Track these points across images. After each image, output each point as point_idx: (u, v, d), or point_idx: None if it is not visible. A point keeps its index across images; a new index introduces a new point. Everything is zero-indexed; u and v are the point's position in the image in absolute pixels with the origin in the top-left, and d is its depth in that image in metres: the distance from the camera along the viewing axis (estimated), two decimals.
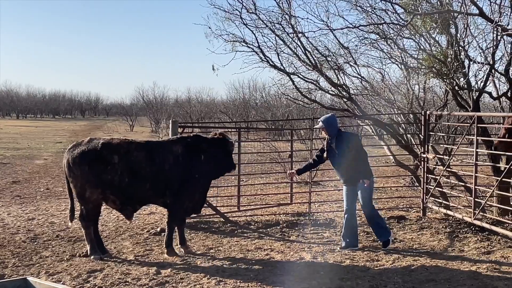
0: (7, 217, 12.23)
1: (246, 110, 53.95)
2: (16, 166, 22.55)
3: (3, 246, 9.64)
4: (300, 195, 14.53)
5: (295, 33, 12.58)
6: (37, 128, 61.87)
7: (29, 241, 10.10)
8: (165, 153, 9.13)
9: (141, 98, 68.15)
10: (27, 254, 9.15)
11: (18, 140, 38.33)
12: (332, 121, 9.45)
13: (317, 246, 9.69)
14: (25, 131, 53.27)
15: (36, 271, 8.17)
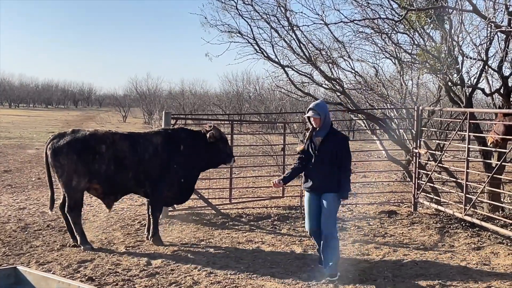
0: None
1: (239, 102, 53.90)
2: (7, 155, 22.46)
3: None
4: (291, 189, 14.52)
5: (290, 26, 12.57)
6: (30, 117, 61.65)
7: (20, 230, 10.08)
8: (146, 144, 9.32)
9: (135, 89, 68.01)
10: (17, 244, 9.13)
11: (10, 129, 38.18)
12: (326, 109, 7.61)
13: (308, 240, 9.68)
14: (17, 120, 53.06)
15: (26, 260, 8.16)
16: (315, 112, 7.52)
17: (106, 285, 7.13)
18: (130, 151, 9.17)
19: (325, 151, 7.51)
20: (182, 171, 9.40)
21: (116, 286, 7.12)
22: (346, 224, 10.96)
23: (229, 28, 12.88)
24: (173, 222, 11.00)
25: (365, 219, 11.50)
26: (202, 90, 66.24)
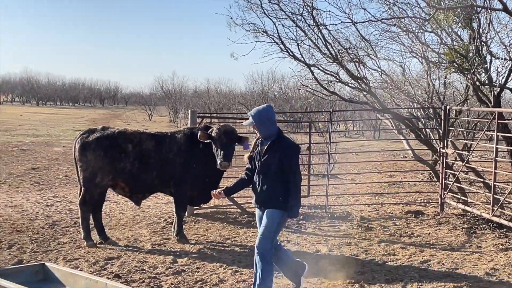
0: (26, 203, 12.33)
1: (264, 101, 53.88)
2: (35, 152, 22.70)
3: (21, 232, 9.73)
4: (317, 188, 14.50)
5: (316, 25, 12.52)
6: (57, 115, 62.23)
7: (48, 227, 10.19)
8: (171, 143, 9.36)
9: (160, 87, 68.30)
10: (45, 240, 9.23)
11: (38, 127, 38.59)
12: (266, 116, 6.51)
13: (334, 239, 9.68)
14: (45, 118, 53.59)
15: (54, 257, 8.24)
16: (252, 119, 6.53)
17: (132, 282, 7.18)
18: (155, 150, 9.24)
19: (267, 162, 6.46)
20: (205, 170, 9.34)
21: (142, 284, 7.16)
22: (372, 224, 10.90)
23: (255, 27, 12.86)
24: (199, 220, 11.04)
25: (391, 219, 11.44)
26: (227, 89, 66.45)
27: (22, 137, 29.35)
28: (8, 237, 9.32)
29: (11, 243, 8.90)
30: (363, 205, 12.87)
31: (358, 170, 19.27)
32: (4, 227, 9.98)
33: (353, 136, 40.26)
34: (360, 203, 13.23)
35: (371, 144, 31.34)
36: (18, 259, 8.07)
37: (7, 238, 9.20)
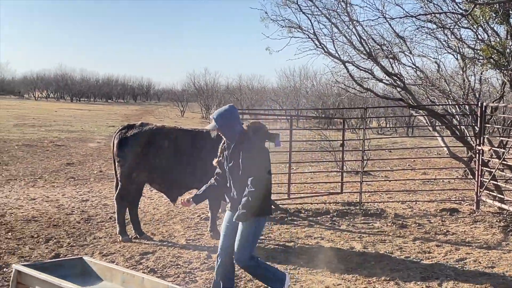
0: (62, 198, 12.49)
1: (296, 98, 53.87)
2: (70, 148, 22.99)
3: (58, 226, 9.85)
4: (350, 185, 14.46)
5: (351, 21, 12.47)
6: (90, 111, 62.92)
7: (83, 222, 10.31)
8: (204, 140, 9.33)
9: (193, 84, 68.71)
10: (81, 235, 9.34)
11: (72, 123, 39.06)
12: (227, 117, 6.14)
13: (368, 236, 9.63)
14: (79, 114, 54.23)
15: (90, 251, 8.34)
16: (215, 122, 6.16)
17: (167, 277, 7.23)
18: (189, 147, 9.28)
19: (232, 166, 6.13)
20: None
21: (177, 278, 7.21)
22: (406, 221, 10.83)
23: (290, 23, 12.86)
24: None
25: (426, 217, 11.35)
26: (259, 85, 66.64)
27: (57, 133, 29.75)
28: (45, 231, 9.46)
29: (48, 237, 9.03)
30: (397, 202, 12.78)
31: (391, 167, 19.16)
32: (41, 222, 10.12)
33: (386, 133, 40.03)
34: (394, 200, 13.14)
35: (404, 141, 31.09)
36: (55, 253, 8.18)
37: (44, 232, 9.33)
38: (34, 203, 11.75)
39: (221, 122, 6.08)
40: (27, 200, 12.02)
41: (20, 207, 11.34)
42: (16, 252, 8.12)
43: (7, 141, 24.32)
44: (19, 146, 22.51)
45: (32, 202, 11.84)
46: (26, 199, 12.18)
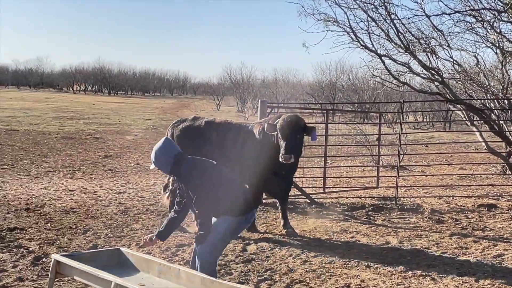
0: (100, 189, 12.65)
1: (332, 92, 53.64)
2: (107, 141, 23.26)
3: (96, 218, 9.99)
4: (386, 179, 14.38)
5: (388, 14, 12.37)
6: (128, 104, 63.54)
7: (120, 213, 10.42)
8: (247, 135, 9.29)
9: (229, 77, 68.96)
10: (118, 226, 9.45)
11: (110, 116, 39.50)
12: (159, 155, 5.98)
13: (404, 231, 9.57)
14: (116, 107, 54.79)
15: (127, 242, 8.43)
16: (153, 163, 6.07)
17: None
18: (233, 141, 9.28)
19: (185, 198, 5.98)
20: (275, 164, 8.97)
21: None
22: (443, 217, 10.73)
23: (326, 17, 12.82)
24: (268, 210, 11.08)
25: (463, 212, 11.23)
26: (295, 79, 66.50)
27: (95, 126, 30.13)
28: (83, 222, 9.59)
29: (86, 229, 9.16)
30: (433, 198, 12.67)
31: (428, 162, 19.00)
32: (79, 213, 10.27)
33: (423, 128, 39.64)
34: (430, 195, 13.03)
35: (441, 135, 30.76)
36: (93, 244, 8.30)
37: (82, 224, 9.47)
38: (73, 195, 11.92)
39: (155, 161, 6.00)
40: (65, 192, 12.21)
41: (59, 198, 11.52)
42: (54, 243, 8.25)
43: (46, 133, 24.71)
44: (58, 139, 22.85)
45: (71, 194, 12.02)
46: (65, 190, 12.36)
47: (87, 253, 6.45)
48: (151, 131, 29.50)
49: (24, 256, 7.56)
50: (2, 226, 8.96)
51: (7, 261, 7.33)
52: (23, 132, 24.76)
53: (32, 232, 8.79)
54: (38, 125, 29.00)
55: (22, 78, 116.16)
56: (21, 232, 8.72)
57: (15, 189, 12.22)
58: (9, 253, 7.63)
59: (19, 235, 8.55)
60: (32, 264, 7.23)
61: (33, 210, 10.27)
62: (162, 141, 6.09)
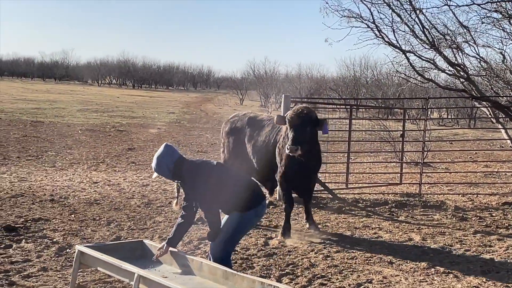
0: (123, 182, 12.73)
1: (356, 87, 53.43)
2: (131, 133, 23.40)
3: (119, 210, 10.06)
4: (409, 176, 14.30)
5: (413, 10, 12.28)
6: (151, 98, 63.83)
7: (144, 206, 10.48)
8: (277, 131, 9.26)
9: (252, 72, 68.92)
10: (141, 219, 9.51)
11: (134, 109, 39.72)
12: (160, 161, 6.07)
13: (427, 228, 9.52)
14: (140, 100, 55.07)
15: (150, 235, 8.48)
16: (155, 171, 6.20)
17: None
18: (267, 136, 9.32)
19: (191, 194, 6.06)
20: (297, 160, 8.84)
21: (234, 264, 7.25)
22: (467, 214, 10.65)
23: (350, 13, 12.76)
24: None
25: (487, 210, 11.14)
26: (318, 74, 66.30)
27: (119, 118, 30.33)
28: (107, 214, 9.67)
29: (110, 220, 9.23)
30: (457, 195, 12.58)
31: (452, 159, 18.84)
32: (103, 205, 10.35)
33: (447, 124, 39.36)
34: (454, 192, 12.93)
35: (466, 133, 30.52)
36: (116, 235, 8.36)
37: (106, 215, 9.54)
38: (97, 187, 12.02)
39: (157, 168, 6.07)
40: (89, 184, 12.31)
41: (83, 190, 11.62)
42: (78, 234, 8.33)
43: (71, 126, 24.94)
44: (82, 131, 23.04)
45: (95, 186, 12.12)
46: (89, 182, 12.47)
47: (110, 245, 6.51)
48: (174, 124, 29.61)
49: (48, 246, 7.64)
50: (27, 217, 9.06)
51: (32, 251, 7.41)
52: (48, 124, 25.01)
53: (56, 223, 8.88)
54: (63, 117, 29.28)
55: (48, 71, 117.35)
56: (46, 223, 8.82)
57: (40, 180, 12.35)
58: (34, 244, 7.72)
59: (44, 226, 8.64)
60: (56, 255, 7.31)
61: (58, 201, 10.37)
62: (162, 148, 6.15)
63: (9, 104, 36.27)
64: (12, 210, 9.49)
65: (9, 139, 19.05)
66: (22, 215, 9.16)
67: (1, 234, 8.02)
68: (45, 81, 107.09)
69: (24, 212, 9.39)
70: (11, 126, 23.16)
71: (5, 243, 7.64)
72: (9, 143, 17.94)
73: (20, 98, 43.35)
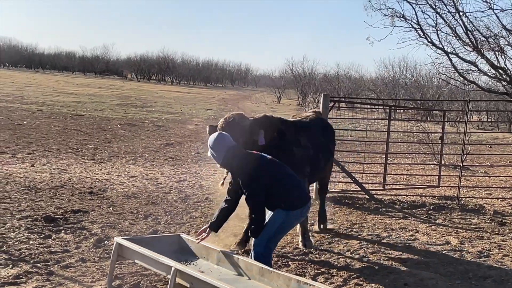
0: (161, 176, 12.84)
1: (395, 88, 53.03)
2: (169, 129, 23.59)
3: (156, 204, 10.14)
4: (447, 179, 14.15)
5: (457, 12, 12.16)
6: (189, 94, 64.21)
7: (180, 201, 10.56)
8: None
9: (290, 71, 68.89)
10: (178, 213, 9.57)
11: (172, 105, 40.02)
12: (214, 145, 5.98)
13: (465, 232, 9.41)
14: (179, 96, 55.47)
15: (186, 230, 8.53)
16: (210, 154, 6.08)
17: None
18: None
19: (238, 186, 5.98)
20: None
21: None
22: (506, 219, 10.49)
23: (393, 12, 12.69)
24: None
25: None
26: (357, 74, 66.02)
27: (157, 114, 30.60)
28: (144, 208, 9.76)
29: (147, 214, 9.31)
30: (496, 199, 12.41)
31: (491, 163, 18.60)
32: (141, 199, 10.45)
33: (487, 128, 38.80)
34: (493, 196, 12.75)
35: (506, 136, 30.04)
36: (153, 229, 8.44)
37: (144, 209, 9.63)
38: (134, 180, 12.14)
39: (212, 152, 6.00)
40: (127, 177, 12.44)
41: (121, 183, 11.75)
42: (116, 226, 8.43)
43: (110, 120, 25.23)
44: (121, 125, 23.31)
45: (133, 179, 12.24)
46: (127, 176, 12.60)
47: (148, 238, 6.58)
48: (212, 121, 29.71)
49: (86, 238, 7.75)
50: (66, 208, 9.20)
51: (71, 242, 7.52)
52: (88, 118, 25.35)
53: (94, 215, 8.99)
54: (102, 111, 29.65)
55: (89, 65, 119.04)
56: (84, 215, 8.94)
57: (79, 172, 12.53)
58: (73, 235, 7.83)
59: (82, 218, 8.76)
60: (94, 246, 7.41)
61: (96, 194, 10.50)
62: (217, 133, 6.14)
63: (50, 97, 36.87)
64: (52, 201, 9.64)
65: (50, 131, 19.37)
66: (61, 206, 9.30)
67: (41, 224, 8.16)
68: (86, 75, 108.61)
69: (64, 204, 9.54)
70: (52, 119, 23.54)
71: (45, 233, 7.77)
72: (50, 135, 18.23)
73: (61, 92, 44.04)
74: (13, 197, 9.68)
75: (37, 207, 9.15)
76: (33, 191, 10.26)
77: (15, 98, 32.96)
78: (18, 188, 10.42)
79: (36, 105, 29.36)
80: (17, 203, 9.31)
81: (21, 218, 8.39)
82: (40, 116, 24.17)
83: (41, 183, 11.03)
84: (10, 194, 9.87)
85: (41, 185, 10.81)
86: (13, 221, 8.22)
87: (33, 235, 7.66)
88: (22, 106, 28.08)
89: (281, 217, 5.85)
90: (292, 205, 5.86)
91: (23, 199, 9.59)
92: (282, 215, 5.84)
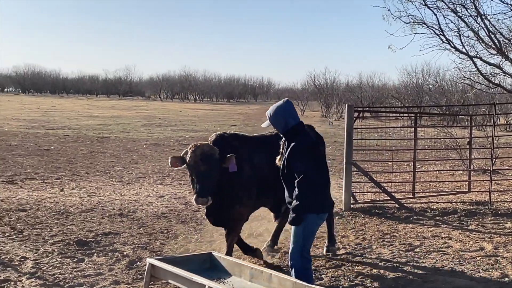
0: (189, 195, 12.83)
1: (419, 95, 52.75)
2: None
3: (186, 223, 10.16)
4: (477, 184, 13.99)
5: (479, 15, 12.08)
6: (213, 111, 64.41)
7: None
8: None
9: (312, 82, 68.83)
10: (208, 231, 9.56)
11: (196, 123, 40.15)
12: (278, 112, 5.90)
13: (499, 237, 9.28)
14: (202, 114, 55.65)
15: (217, 247, 8.50)
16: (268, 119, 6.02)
17: None
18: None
19: (284, 162, 5.89)
20: None
21: None
22: None
23: (414, 19, 12.65)
24: (356, 215, 10.99)
25: None
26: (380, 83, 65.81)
27: (182, 132, 30.72)
28: (174, 227, 9.78)
29: (177, 233, 9.34)
30: None
31: None
32: (170, 218, 10.48)
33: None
34: None
35: None
36: (184, 248, 8.45)
37: (174, 228, 9.66)
38: (163, 200, 12.18)
39: (274, 118, 5.92)
40: (156, 197, 12.49)
41: (150, 203, 11.79)
42: (147, 247, 8.46)
43: (136, 141, 25.40)
44: (147, 145, 23.44)
45: (161, 199, 12.28)
46: (156, 196, 12.65)
47: (180, 257, 6.59)
48: None
49: (119, 260, 7.78)
50: (97, 231, 9.25)
51: (103, 264, 7.56)
52: (114, 140, 25.54)
53: (125, 236, 9.04)
54: (128, 132, 29.86)
55: (112, 87, 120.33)
56: (116, 237, 8.98)
57: (108, 194, 12.60)
58: (105, 257, 7.87)
59: (114, 240, 8.80)
60: (127, 268, 7.43)
61: (126, 215, 10.56)
62: (283, 101, 6.03)
63: (75, 121, 37.26)
64: (83, 225, 9.71)
65: (77, 155, 19.54)
66: (92, 229, 9.36)
67: (74, 248, 8.22)
68: (110, 97, 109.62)
69: (95, 227, 9.60)
70: (78, 143, 23.76)
71: (78, 257, 7.82)
72: (77, 159, 18.39)
73: (86, 115, 44.47)
74: (44, 223, 9.77)
75: (68, 231, 9.22)
76: (64, 216, 10.35)
77: (41, 124, 33.37)
78: (49, 213, 10.52)
79: (62, 130, 29.68)
80: (48, 228, 9.40)
81: (54, 243, 8.47)
82: (66, 141, 24.42)
83: (71, 207, 11.12)
84: (42, 220, 9.97)
85: (71, 209, 10.89)
86: (46, 246, 8.29)
87: (66, 259, 7.72)
88: (49, 132, 28.41)
89: (310, 221, 5.72)
90: (315, 207, 5.73)
91: (54, 224, 9.68)
92: (310, 219, 5.71)
